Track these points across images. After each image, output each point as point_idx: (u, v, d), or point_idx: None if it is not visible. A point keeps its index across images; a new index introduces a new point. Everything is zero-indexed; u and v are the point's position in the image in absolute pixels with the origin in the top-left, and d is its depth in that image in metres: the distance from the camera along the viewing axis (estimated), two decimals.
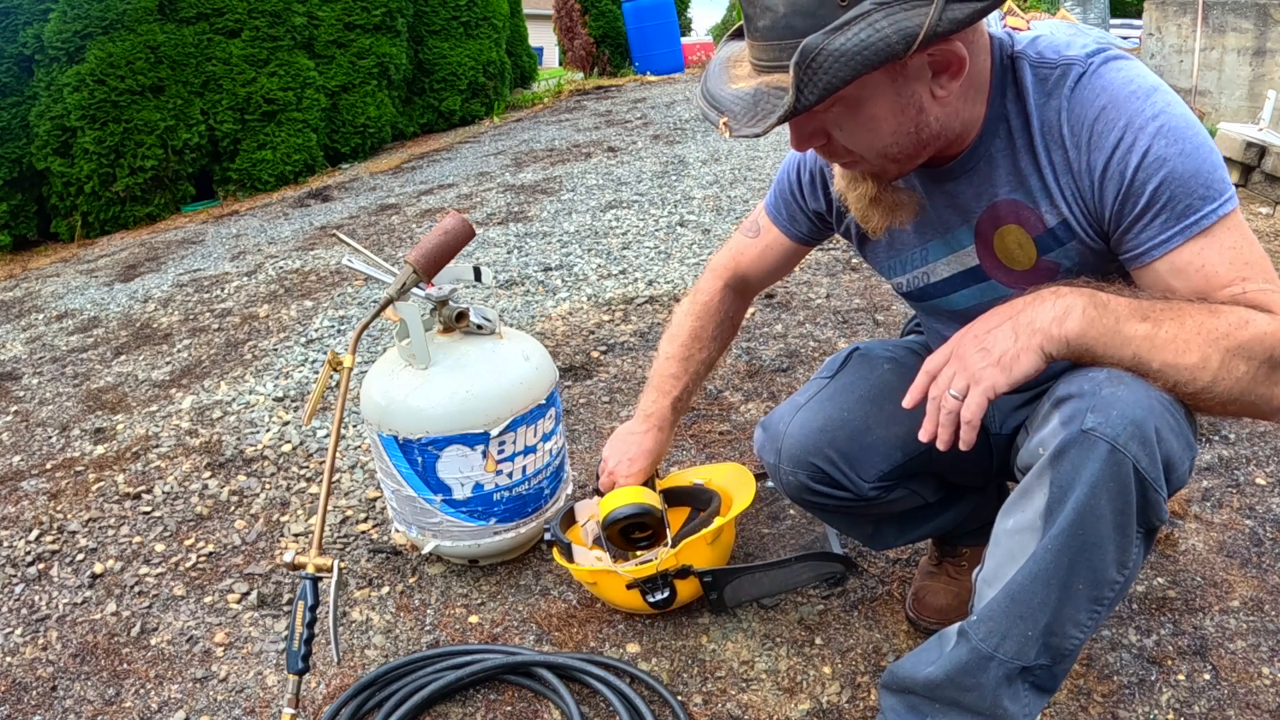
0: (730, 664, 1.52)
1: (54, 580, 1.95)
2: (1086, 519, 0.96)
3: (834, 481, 1.32)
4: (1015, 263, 1.14)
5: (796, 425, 1.33)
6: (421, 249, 1.55)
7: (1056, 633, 1.02)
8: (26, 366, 3.35)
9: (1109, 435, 0.93)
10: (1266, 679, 1.40)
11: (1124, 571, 1.00)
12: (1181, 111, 0.98)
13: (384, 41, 7.31)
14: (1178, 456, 0.97)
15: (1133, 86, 0.98)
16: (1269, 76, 5.19)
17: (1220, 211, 0.96)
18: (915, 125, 1.01)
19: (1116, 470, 0.94)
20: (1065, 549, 0.98)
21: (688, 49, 11.38)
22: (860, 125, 1.00)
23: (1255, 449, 2.00)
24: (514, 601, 1.72)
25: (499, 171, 5.89)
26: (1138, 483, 0.94)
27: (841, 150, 1.05)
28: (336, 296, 3.65)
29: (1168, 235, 0.98)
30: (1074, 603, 1.01)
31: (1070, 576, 0.99)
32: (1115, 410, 0.94)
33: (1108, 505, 0.95)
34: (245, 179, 6.52)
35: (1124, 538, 0.98)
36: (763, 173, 4.94)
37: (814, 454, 1.31)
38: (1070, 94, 1.02)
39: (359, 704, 1.46)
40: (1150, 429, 0.93)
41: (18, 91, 5.83)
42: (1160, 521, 0.99)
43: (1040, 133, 1.05)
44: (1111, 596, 1.01)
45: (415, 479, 1.66)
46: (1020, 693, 1.07)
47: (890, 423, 1.31)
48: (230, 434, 2.51)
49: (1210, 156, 0.97)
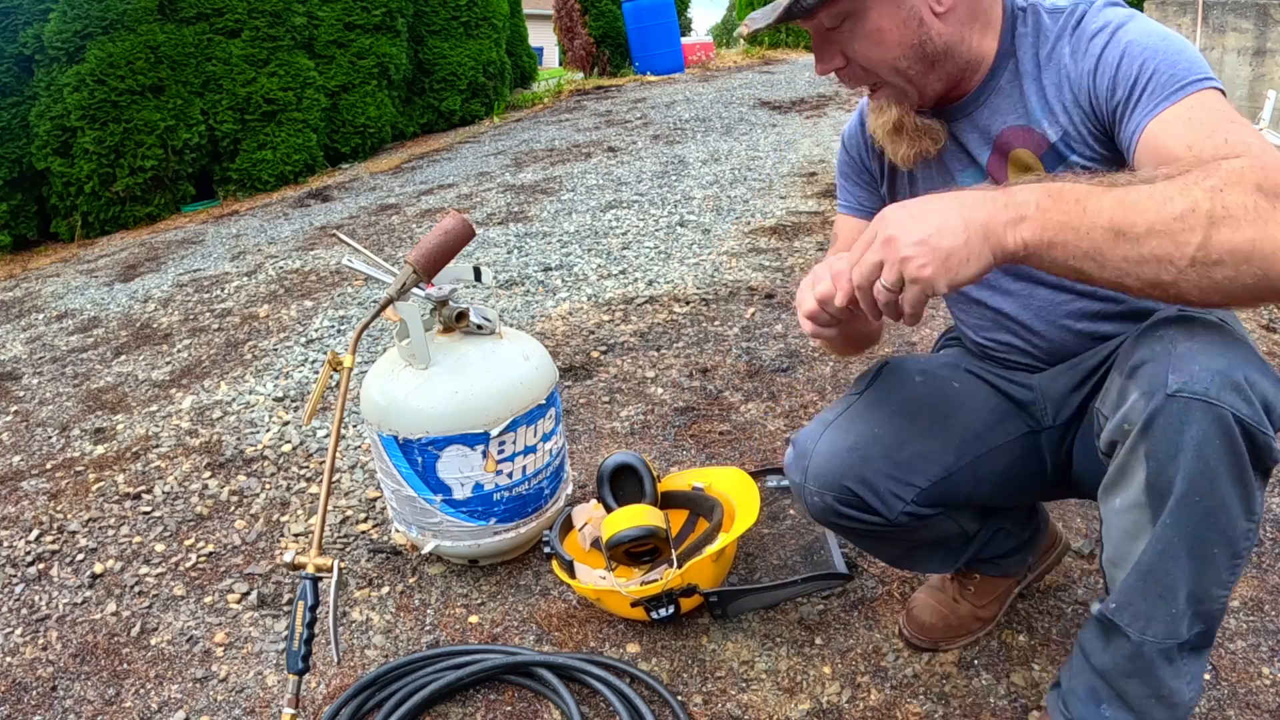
0: (730, 664, 1.52)
1: (54, 580, 1.95)
2: (1200, 484, 0.92)
3: (865, 505, 1.23)
4: None
5: (825, 444, 1.25)
6: (421, 249, 1.55)
7: (1203, 599, 0.99)
8: (26, 366, 3.35)
9: (1199, 392, 0.90)
10: (1266, 679, 1.40)
11: (1253, 518, 0.96)
12: (1168, 30, 1.04)
13: (384, 41, 7.32)
14: (1272, 394, 0.92)
15: (1124, 11, 1.08)
16: (1269, 76, 5.20)
17: (1204, 84, 0.98)
18: (918, 38, 1.09)
19: (1218, 425, 0.90)
20: (1187, 519, 0.94)
21: (688, 49, 11.37)
22: (868, 39, 1.09)
23: None
24: (514, 601, 1.72)
25: (499, 171, 5.89)
26: (1243, 431, 0.90)
27: (859, 72, 1.14)
28: (336, 296, 3.65)
29: (1156, 102, 1.00)
30: (1213, 566, 0.97)
31: (1201, 544, 0.95)
32: (1197, 364, 0.90)
33: (1219, 463, 0.91)
34: (245, 179, 6.52)
35: (1245, 488, 0.93)
36: (763, 172, 4.94)
37: (844, 475, 1.22)
38: (1075, 24, 1.10)
39: (359, 704, 1.46)
40: (1239, 374, 0.90)
41: (18, 91, 5.83)
42: (1276, 461, 0.94)
43: (1045, 59, 1.12)
44: (1248, 545, 0.97)
45: (415, 479, 1.66)
46: (1180, 667, 1.02)
47: (926, 438, 1.24)
48: (230, 434, 2.51)
49: (1195, 54, 1.01)
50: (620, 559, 1.57)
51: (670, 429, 2.30)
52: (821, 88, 7.84)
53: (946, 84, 1.15)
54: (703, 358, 2.68)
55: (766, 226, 3.94)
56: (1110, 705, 1.06)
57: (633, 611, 1.54)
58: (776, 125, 6.38)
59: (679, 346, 2.78)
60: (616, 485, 1.73)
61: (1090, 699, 1.08)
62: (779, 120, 6.61)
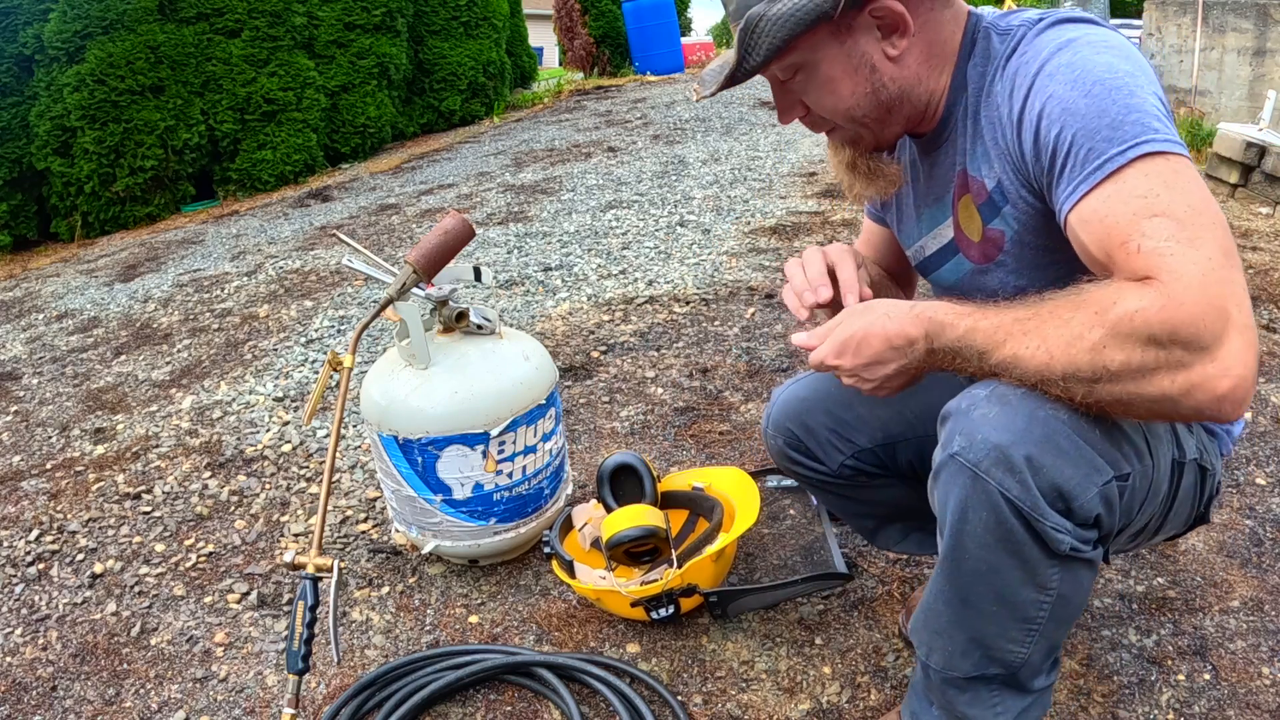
0: (730, 664, 1.52)
1: (54, 580, 1.95)
2: (965, 544, 0.94)
3: (807, 451, 1.36)
4: (973, 233, 1.13)
5: (785, 392, 1.39)
6: (421, 249, 1.55)
7: (991, 647, 1.01)
8: (26, 366, 3.35)
9: (971, 461, 0.90)
10: (1266, 679, 1.40)
11: (1046, 592, 0.95)
12: (1105, 59, 0.90)
13: (384, 41, 7.32)
14: (1073, 483, 0.89)
15: (1063, 38, 0.94)
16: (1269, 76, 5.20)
17: (1129, 154, 0.85)
18: (871, 86, 1.05)
19: (984, 498, 0.90)
20: (955, 573, 0.97)
21: (688, 49, 11.38)
22: (821, 88, 1.06)
23: (1255, 449, 2.00)
24: (514, 601, 1.72)
25: (499, 171, 5.89)
26: (1013, 511, 0.90)
27: (818, 120, 1.12)
28: (336, 296, 3.65)
29: (1074, 185, 0.90)
30: (993, 621, 0.98)
31: (971, 597, 0.98)
32: (980, 434, 0.90)
33: (985, 532, 0.92)
34: (245, 179, 6.52)
35: (1024, 561, 0.93)
36: (763, 172, 4.94)
37: (791, 420, 1.36)
38: (1010, 54, 1.00)
39: (359, 704, 1.46)
40: (1018, 455, 0.88)
41: (18, 91, 5.83)
42: (1062, 550, 0.92)
43: (985, 98, 1.03)
44: (1044, 614, 0.97)
45: (415, 479, 1.66)
46: (983, 696, 1.06)
47: (876, 405, 1.32)
48: (230, 434, 2.51)
49: (1126, 100, 0.87)
50: (620, 559, 1.57)
51: (670, 429, 2.30)
52: None
53: (906, 126, 1.11)
54: (703, 358, 2.68)
55: (766, 226, 3.94)
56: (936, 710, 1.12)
57: (633, 611, 1.54)
58: (776, 125, 6.38)
59: (679, 346, 2.78)
60: (616, 485, 1.73)
61: (924, 697, 1.15)
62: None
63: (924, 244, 1.24)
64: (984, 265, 1.12)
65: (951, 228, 1.17)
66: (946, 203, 1.16)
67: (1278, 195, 3.69)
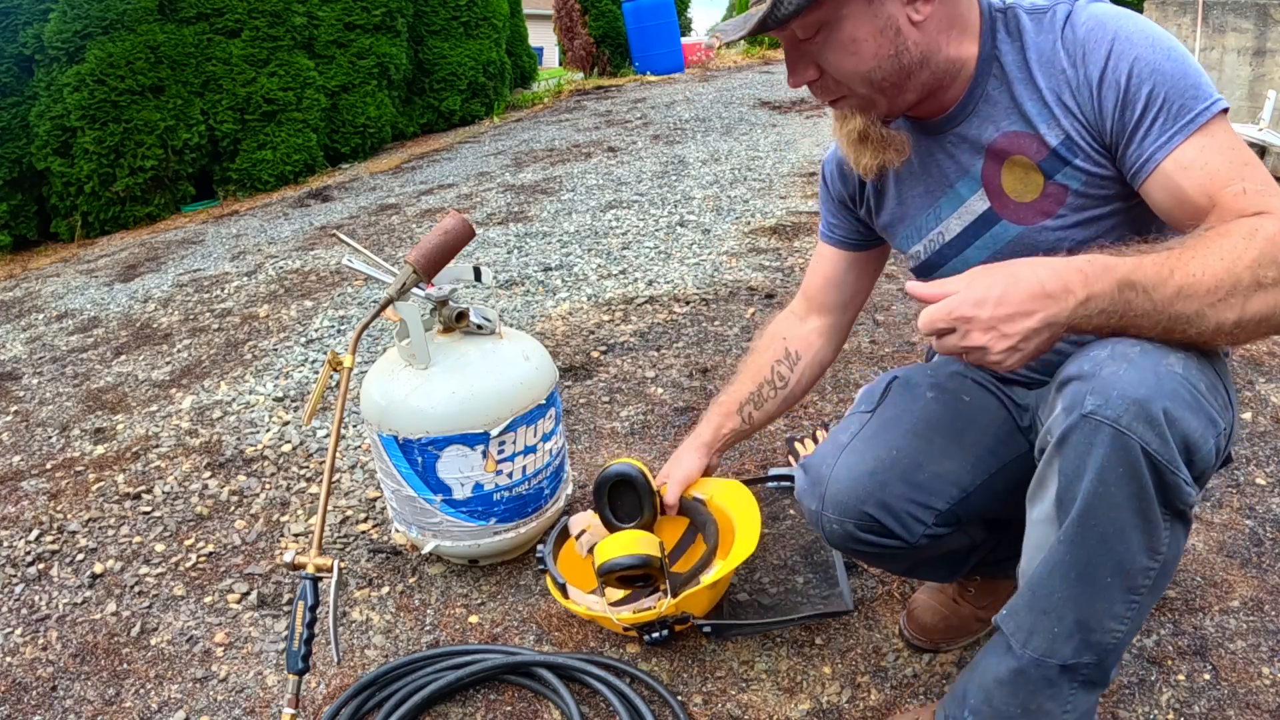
0: (730, 664, 1.52)
1: (54, 580, 1.95)
2: (1098, 507, 0.93)
3: (885, 530, 1.21)
4: (1023, 194, 1.14)
5: (843, 469, 1.22)
6: (421, 249, 1.55)
7: (1093, 628, 0.99)
8: (26, 366, 3.35)
9: (1110, 418, 0.90)
10: (1266, 679, 1.40)
11: (1157, 557, 0.96)
12: (1160, 30, 1.04)
13: (384, 41, 7.32)
14: (1197, 434, 0.92)
15: (1114, 11, 1.06)
16: (1269, 76, 5.20)
17: (1213, 110, 1.00)
18: (895, 49, 1.06)
19: (1124, 454, 0.90)
20: (1080, 540, 0.95)
21: (688, 49, 11.37)
22: (842, 49, 1.06)
23: (1255, 449, 2.00)
24: (514, 601, 1.72)
25: (499, 171, 5.89)
26: (1150, 466, 0.90)
27: (831, 84, 1.11)
28: (336, 296, 3.65)
29: (1168, 135, 1.00)
30: (1105, 595, 0.97)
31: (1091, 568, 0.96)
32: (1116, 390, 0.90)
33: (1120, 491, 0.91)
34: (245, 179, 6.52)
35: (1148, 522, 0.93)
36: (762, 172, 4.94)
37: (864, 501, 1.20)
38: (1063, 25, 1.08)
39: (359, 704, 1.46)
40: (1156, 408, 0.89)
41: (18, 91, 5.83)
42: (1186, 505, 0.94)
43: (1036, 62, 1.09)
44: (1149, 584, 0.97)
45: (415, 479, 1.66)
46: (1064, 691, 1.03)
47: (943, 458, 1.22)
48: (230, 434, 2.52)
49: (1193, 63, 1.02)
50: (613, 583, 1.51)
51: (670, 429, 2.30)
52: None
53: (920, 94, 1.12)
54: (703, 358, 2.68)
55: (766, 226, 3.94)
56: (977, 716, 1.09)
57: (626, 631, 1.53)
58: (776, 125, 6.39)
59: (679, 346, 2.78)
60: (615, 498, 1.65)
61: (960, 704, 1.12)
62: (779, 120, 6.61)
63: (944, 229, 1.23)
64: (1039, 224, 1.14)
65: (984, 198, 1.17)
66: (975, 174, 1.17)
67: None
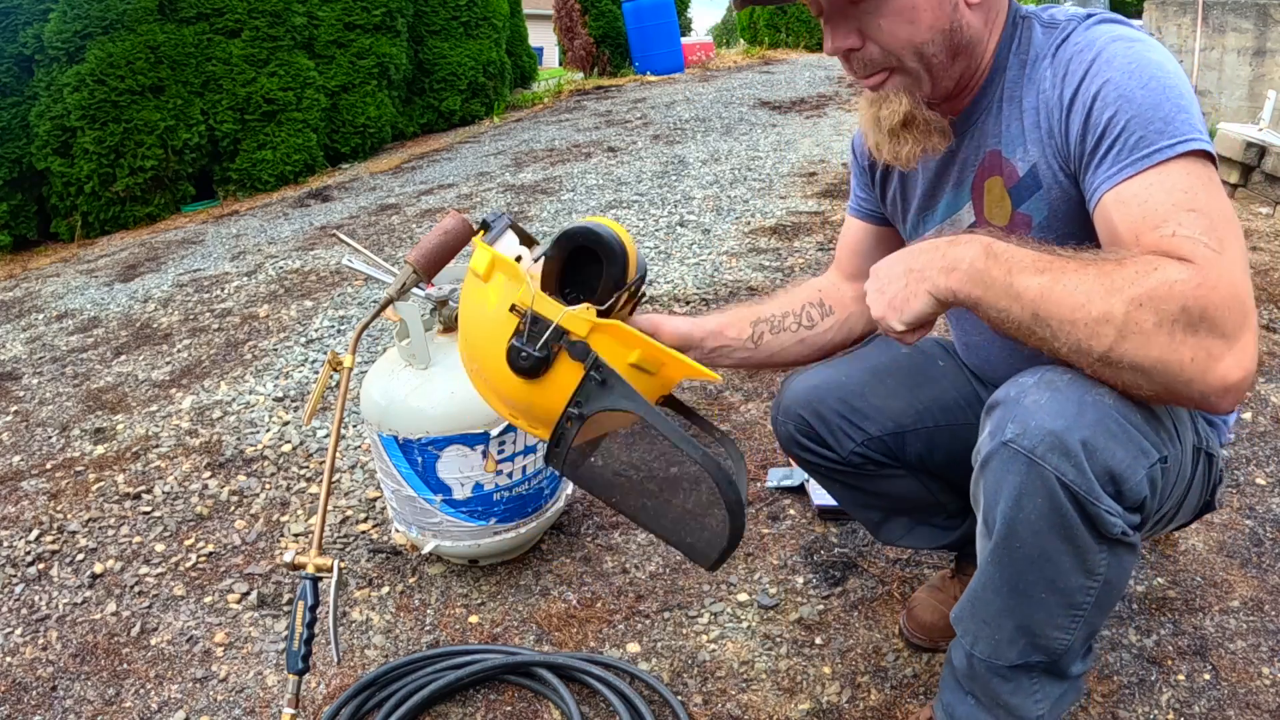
0: (730, 664, 1.52)
1: (54, 580, 1.95)
2: (1018, 531, 0.94)
3: (818, 437, 1.36)
4: (997, 217, 1.13)
5: (797, 381, 1.40)
6: (421, 249, 1.55)
7: (1036, 634, 1.01)
8: (26, 366, 3.34)
9: (1026, 448, 0.90)
10: (1266, 679, 1.40)
11: (1095, 577, 0.96)
12: (1157, 58, 0.95)
13: (384, 41, 7.31)
14: (1123, 465, 0.91)
15: (1115, 33, 0.98)
16: (1269, 76, 5.20)
17: (1177, 149, 0.90)
18: (950, 24, 1.02)
19: (1040, 484, 0.90)
20: (1007, 560, 0.97)
21: (688, 49, 11.37)
22: (898, 15, 1.00)
23: (1255, 449, 2.00)
24: (514, 601, 1.72)
25: (499, 171, 5.88)
26: (1069, 495, 0.90)
27: (876, 56, 1.04)
28: (336, 296, 3.65)
29: (1120, 166, 0.93)
30: (1041, 608, 0.99)
31: (1022, 585, 0.98)
32: (1034, 420, 0.90)
33: (1039, 519, 0.92)
34: (245, 179, 6.51)
35: (1076, 547, 0.93)
36: (762, 172, 4.94)
37: (802, 407, 1.36)
38: (1060, 43, 1.03)
39: (359, 704, 1.46)
40: (1073, 439, 0.89)
41: (18, 91, 5.83)
42: (1113, 534, 0.93)
43: (1029, 80, 1.05)
44: (1090, 600, 0.98)
45: (415, 479, 1.66)
46: (1024, 685, 1.06)
47: (888, 396, 1.34)
48: (230, 434, 2.52)
49: (1177, 99, 0.92)
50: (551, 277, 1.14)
51: None
52: (821, 88, 7.84)
53: (957, 83, 1.08)
54: None
55: (766, 226, 3.94)
56: (972, 699, 1.12)
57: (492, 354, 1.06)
58: (776, 125, 6.38)
59: None
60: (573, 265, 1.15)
61: (957, 689, 1.15)
62: (779, 120, 6.60)
63: (937, 231, 1.23)
64: None
65: (971, 212, 1.17)
66: (966, 186, 1.15)
67: (1277, 195, 3.69)
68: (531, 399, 1.07)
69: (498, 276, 1.08)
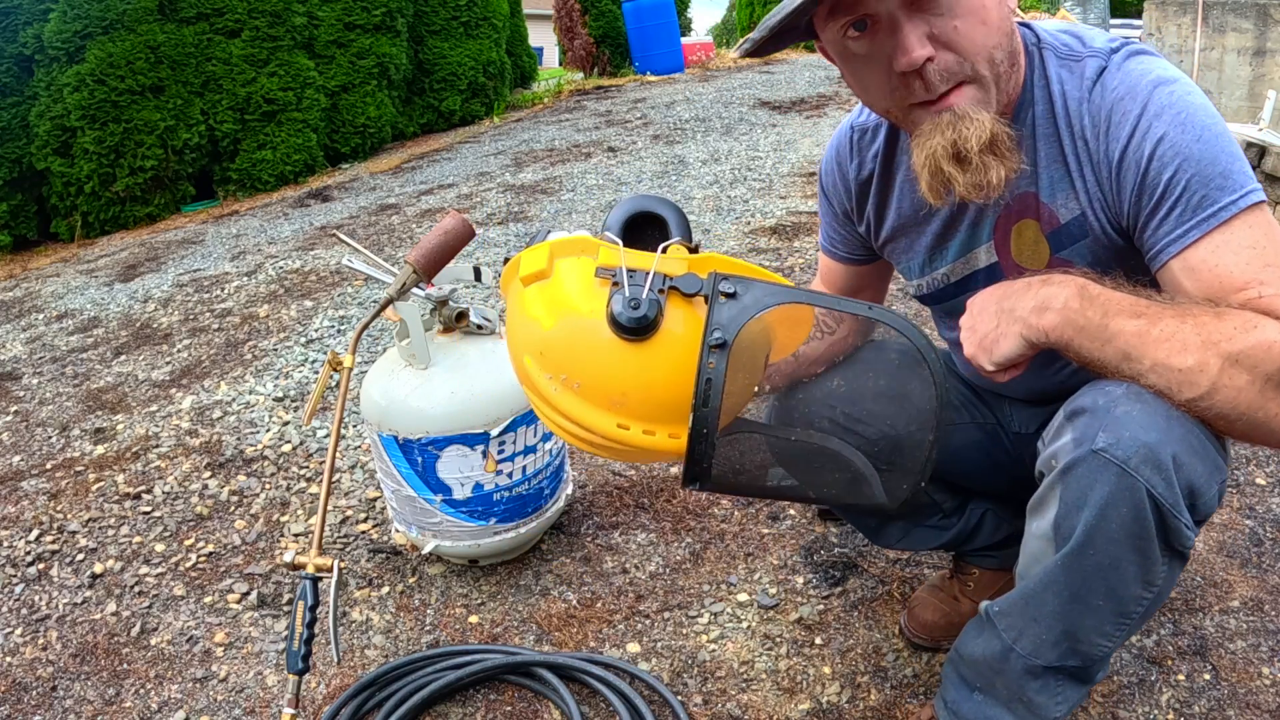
0: (730, 664, 1.52)
1: (54, 580, 1.95)
2: (1096, 539, 0.94)
3: None
4: (1029, 260, 1.11)
5: None
6: (421, 249, 1.55)
7: (1080, 639, 1.01)
8: (26, 366, 3.34)
9: (1119, 458, 0.90)
10: (1266, 679, 1.40)
11: (1151, 588, 0.97)
12: (1201, 102, 0.94)
13: (384, 41, 7.31)
14: (1202, 482, 0.92)
15: (1151, 76, 0.96)
16: (1269, 76, 5.20)
17: (1240, 204, 0.91)
18: (1010, 25, 0.97)
19: (1129, 494, 0.90)
20: (1076, 566, 0.97)
21: (688, 49, 11.36)
22: (972, 16, 0.93)
23: (1255, 449, 2.00)
24: (514, 601, 1.72)
25: (499, 171, 5.89)
26: (1154, 508, 0.91)
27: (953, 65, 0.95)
28: (336, 296, 3.65)
29: (1183, 229, 0.92)
30: (1094, 614, 0.99)
31: (1084, 591, 0.98)
32: (1128, 431, 0.89)
33: (1120, 528, 0.92)
34: (245, 179, 6.51)
35: (1145, 558, 0.94)
36: (762, 172, 4.94)
37: None
38: (1092, 86, 0.99)
39: (359, 704, 1.46)
40: (1165, 453, 0.89)
41: (18, 91, 5.83)
42: (1185, 547, 0.95)
43: (1063, 121, 1.02)
44: (1140, 610, 0.99)
45: (415, 479, 1.66)
46: (1051, 685, 1.06)
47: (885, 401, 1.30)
48: (230, 434, 2.51)
49: (1229, 147, 0.92)
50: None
51: None
52: (821, 88, 7.83)
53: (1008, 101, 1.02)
54: None
55: (766, 226, 3.94)
56: (982, 694, 1.11)
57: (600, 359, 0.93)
58: (776, 125, 6.38)
59: None
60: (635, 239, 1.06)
61: (962, 685, 1.14)
62: (779, 120, 6.60)
63: (949, 272, 1.20)
64: None
65: (991, 253, 1.14)
66: (987, 226, 1.12)
67: (1278, 195, 3.69)
68: (653, 371, 0.92)
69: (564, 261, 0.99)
